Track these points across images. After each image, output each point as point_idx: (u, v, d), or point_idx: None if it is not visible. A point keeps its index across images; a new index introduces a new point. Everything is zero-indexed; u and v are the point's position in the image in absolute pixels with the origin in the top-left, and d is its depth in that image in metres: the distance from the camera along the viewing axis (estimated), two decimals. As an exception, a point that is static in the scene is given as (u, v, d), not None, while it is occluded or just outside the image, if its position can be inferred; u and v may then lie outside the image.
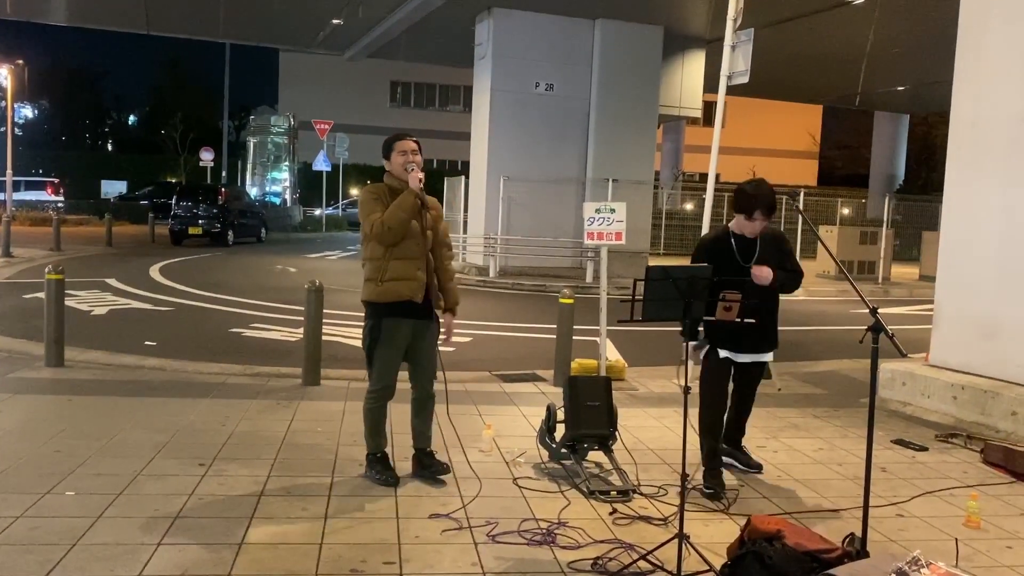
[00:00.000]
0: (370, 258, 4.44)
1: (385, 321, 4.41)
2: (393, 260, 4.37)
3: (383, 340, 4.44)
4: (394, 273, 4.36)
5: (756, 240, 4.73)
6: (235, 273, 16.70)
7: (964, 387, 6.55)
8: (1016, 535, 4.17)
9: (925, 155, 38.04)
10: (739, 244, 4.73)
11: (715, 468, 4.69)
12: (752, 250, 4.71)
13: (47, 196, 34.86)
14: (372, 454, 4.62)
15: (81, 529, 3.70)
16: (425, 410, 4.67)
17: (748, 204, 4.64)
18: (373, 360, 4.49)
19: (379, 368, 4.49)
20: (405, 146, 4.50)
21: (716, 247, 4.75)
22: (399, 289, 4.36)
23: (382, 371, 4.49)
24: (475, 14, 18.33)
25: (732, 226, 4.78)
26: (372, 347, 4.47)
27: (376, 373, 4.50)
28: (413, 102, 47.42)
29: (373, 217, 4.35)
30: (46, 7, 21.77)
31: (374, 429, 4.59)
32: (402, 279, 4.36)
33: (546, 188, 17.85)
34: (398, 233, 4.32)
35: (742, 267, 4.64)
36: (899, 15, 17.21)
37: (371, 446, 4.62)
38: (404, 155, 4.48)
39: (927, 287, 16.03)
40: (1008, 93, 6.60)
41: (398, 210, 4.32)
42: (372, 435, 4.60)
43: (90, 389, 6.40)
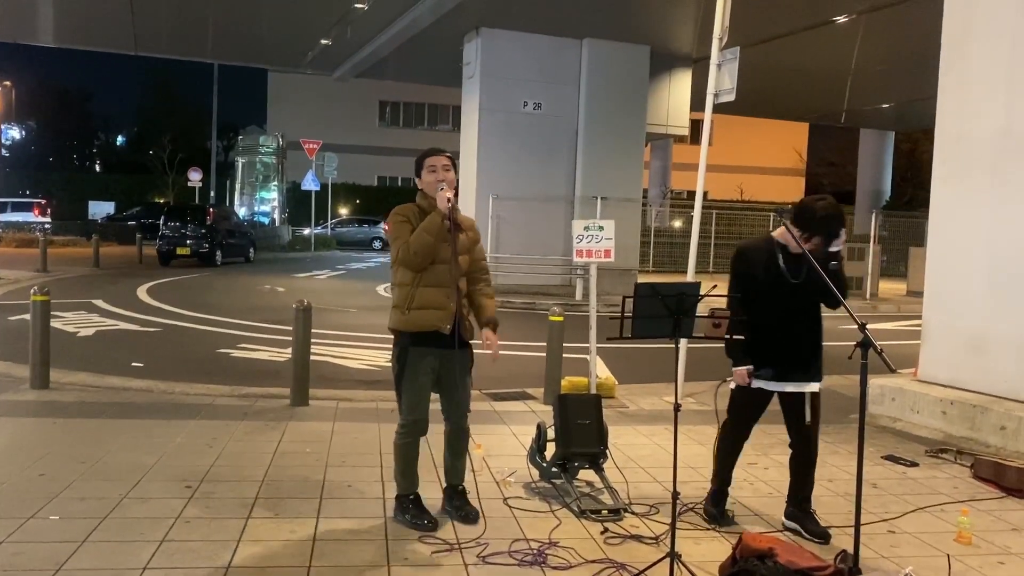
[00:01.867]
0: (399, 284, 4.18)
1: (412, 351, 4.14)
2: (422, 287, 4.10)
3: (409, 370, 4.15)
4: (422, 301, 4.10)
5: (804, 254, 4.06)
6: (223, 293, 16.62)
7: (953, 402, 6.57)
8: (1007, 550, 4.17)
9: (911, 171, 38.32)
10: (785, 257, 4.24)
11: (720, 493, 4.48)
12: (800, 265, 4.19)
13: (34, 217, 34.66)
14: (404, 495, 4.28)
15: (65, 554, 3.64)
16: (459, 444, 4.36)
17: (807, 225, 4.13)
18: (401, 392, 4.21)
19: (408, 400, 4.20)
20: (436, 162, 4.22)
21: (758, 258, 4.29)
22: (426, 318, 4.09)
23: (411, 403, 4.19)
24: (463, 34, 18.42)
25: (777, 236, 4.29)
26: (399, 377, 4.20)
27: (405, 406, 4.21)
28: (402, 121, 47.52)
29: (399, 241, 4.10)
30: (34, 28, 21.73)
31: (406, 468, 4.27)
32: (430, 307, 4.09)
33: (535, 206, 17.89)
34: (425, 257, 4.05)
35: (790, 283, 4.20)
36: (883, 33, 17.40)
37: (402, 487, 4.28)
38: (434, 172, 4.19)
39: (915, 303, 16.10)
40: (992, 108, 6.67)
41: (424, 233, 4.03)
42: (403, 474, 4.27)
43: (76, 411, 6.34)
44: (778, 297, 4.25)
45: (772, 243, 4.30)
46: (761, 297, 4.24)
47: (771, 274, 4.24)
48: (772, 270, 4.25)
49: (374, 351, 10.03)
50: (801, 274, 4.20)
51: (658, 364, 9.23)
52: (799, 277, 4.21)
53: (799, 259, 4.17)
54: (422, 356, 4.14)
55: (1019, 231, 6.45)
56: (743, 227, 26.47)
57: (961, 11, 7.04)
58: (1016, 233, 6.47)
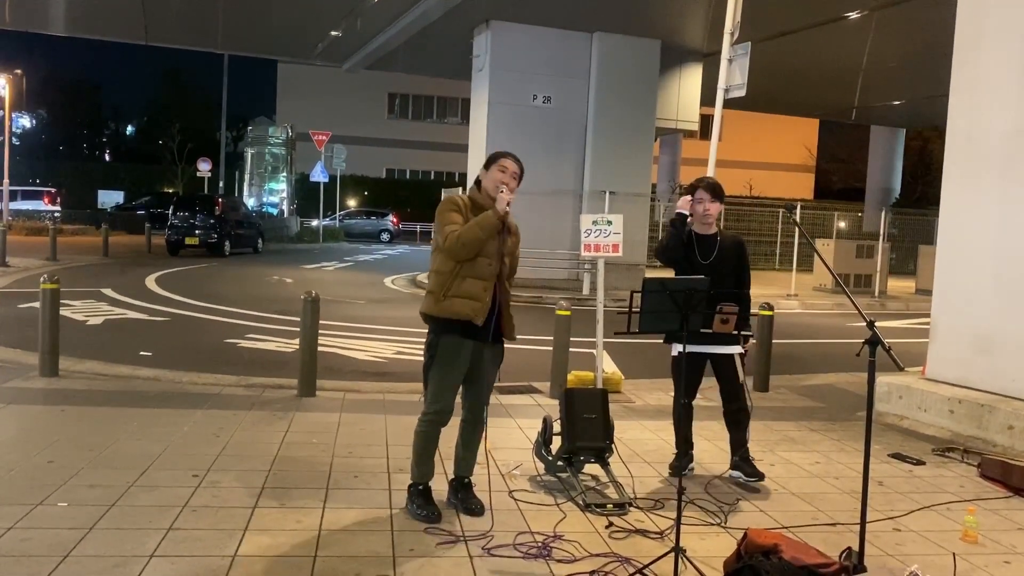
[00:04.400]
0: (437, 270, 4.15)
1: (444, 339, 4.12)
2: (460, 277, 4.10)
3: (440, 359, 4.13)
4: (458, 290, 4.09)
5: (716, 238, 4.95)
6: (231, 284, 16.67)
7: (961, 401, 6.55)
8: (1013, 549, 4.16)
9: (921, 169, 38.15)
10: (697, 240, 4.97)
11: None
12: (712, 249, 4.94)
13: (44, 206, 34.81)
14: (415, 485, 4.28)
15: (73, 541, 3.67)
16: (474, 436, 4.38)
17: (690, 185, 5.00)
18: (428, 380, 4.20)
19: (434, 389, 4.19)
20: (508, 165, 4.29)
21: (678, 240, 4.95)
22: (460, 307, 4.07)
23: (437, 392, 4.18)
24: (473, 27, 18.39)
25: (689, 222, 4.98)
26: (428, 366, 4.18)
27: (431, 394, 4.20)
28: (411, 114, 47.53)
29: (449, 228, 4.08)
30: (45, 17, 21.77)
31: (423, 455, 4.26)
32: (465, 297, 4.08)
33: (543, 200, 17.83)
34: (472, 251, 4.07)
35: (701, 264, 4.89)
36: (895, 30, 17.30)
37: (415, 475, 4.28)
38: (503, 172, 4.27)
39: (923, 301, 16.04)
40: (1004, 108, 6.63)
41: (477, 228, 4.06)
42: (419, 462, 4.27)
43: (84, 399, 6.37)
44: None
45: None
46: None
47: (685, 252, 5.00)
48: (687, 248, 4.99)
49: (381, 343, 10.05)
50: (710, 256, 4.95)
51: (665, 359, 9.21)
52: (709, 258, 4.93)
53: (711, 242, 4.96)
54: (454, 346, 4.13)
55: (1030, 230, 6.42)
56: (752, 223, 26.40)
57: (974, 11, 7.00)
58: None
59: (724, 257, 4.94)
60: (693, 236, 4.99)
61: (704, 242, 4.97)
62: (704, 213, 4.95)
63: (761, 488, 4.95)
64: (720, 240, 4.99)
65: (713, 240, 4.97)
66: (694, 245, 4.96)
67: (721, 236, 5.02)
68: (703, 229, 5.01)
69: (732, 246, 4.99)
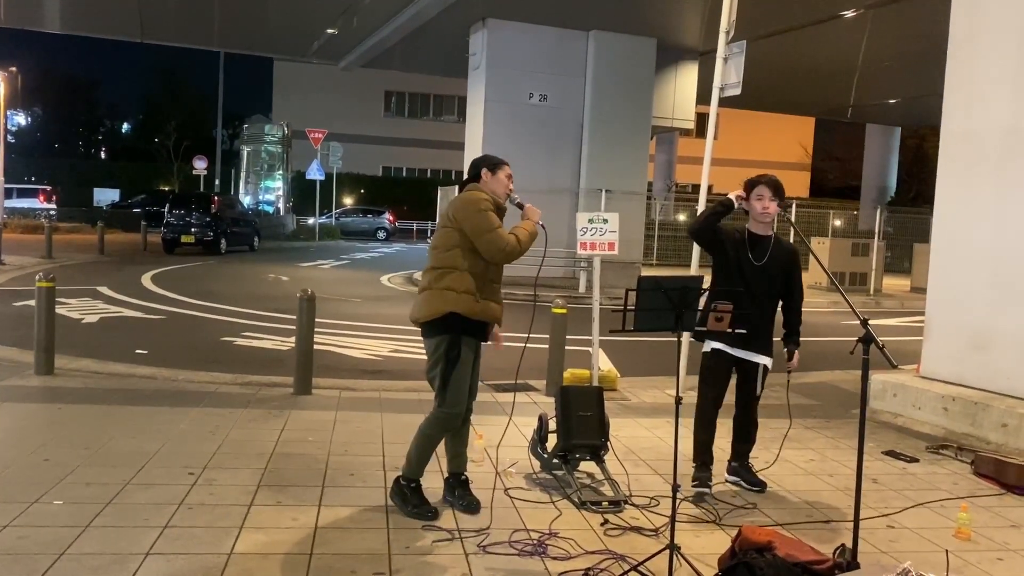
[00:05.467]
0: (470, 271, 4.14)
1: (466, 339, 4.15)
2: (489, 281, 4.22)
3: (462, 363, 4.15)
4: (488, 293, 4.20)
5: (770, 240, 4.74)
6: (227, 282, 16.65)
7: (955, 399, 6.57)
8: (1006, 546, 4.18)
9: (916, 167, 38.21)
10: (751, 240, 4.75)
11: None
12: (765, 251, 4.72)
13: (39, 204, 34.73)
14: (409, 481, 4.26)
15: (69, 539, 3.67)
16: (464, 430, 4.43)
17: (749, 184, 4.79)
18: (449, 381, 4.15)
19: (456, 387, 4.16)
20: (511, 173, 4.46)
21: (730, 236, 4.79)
22: (492, 310, 4.21)
23: (458, 389, 4.17)
24: (469, 24, 18.38)
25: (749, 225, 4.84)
26: (450, 368, 4.14)
27: (451, 394, 4.16)
28: (407, 112, 47.50)
29: (502, 231, 4.15)
30: (40, 15, 21.72)
31: (427, 454, 4.28)
32: (494, 300, 4.24)
33: (539, 198, 17.53)
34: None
35: (752, 264, 4.69)
36: (891, 28, 17.32)
37: (414, 471, 4.27)
38: (511, 180, 4.43)
39: (918, 299, 16.07)
40: (998, 106, 6.65)
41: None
42: (421, 460, 4.27)
43: (80, 397, 6.37)
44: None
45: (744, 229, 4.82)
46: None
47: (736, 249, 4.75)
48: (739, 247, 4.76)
49: (377, 341, 10.05)
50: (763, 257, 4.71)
51: (660, 357, 9.24)
52: (761, 260, 4.70)
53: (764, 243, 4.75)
54: (470, 348, 4.21)
55: (1022, 229, 6.44)
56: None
57: (968, 9, 7.02)
58: (1020, 231, 6.46)
59: (776, 262, 4.70)
60: (747, 235, 4.75)
61: (759, 243, 4.71)
62: (763, 211, 4.67)
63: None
64: (774, 244, 4.73)
65: (768, 243, 4.71)
66: (747, 245, 4.71)
67: (776, 240, 4.76)
68: (760, 229, 4.74)
69: (786, 253, 4.76)
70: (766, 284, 4.68)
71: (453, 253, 4.17)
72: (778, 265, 4.71)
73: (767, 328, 4.78)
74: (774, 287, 4.74)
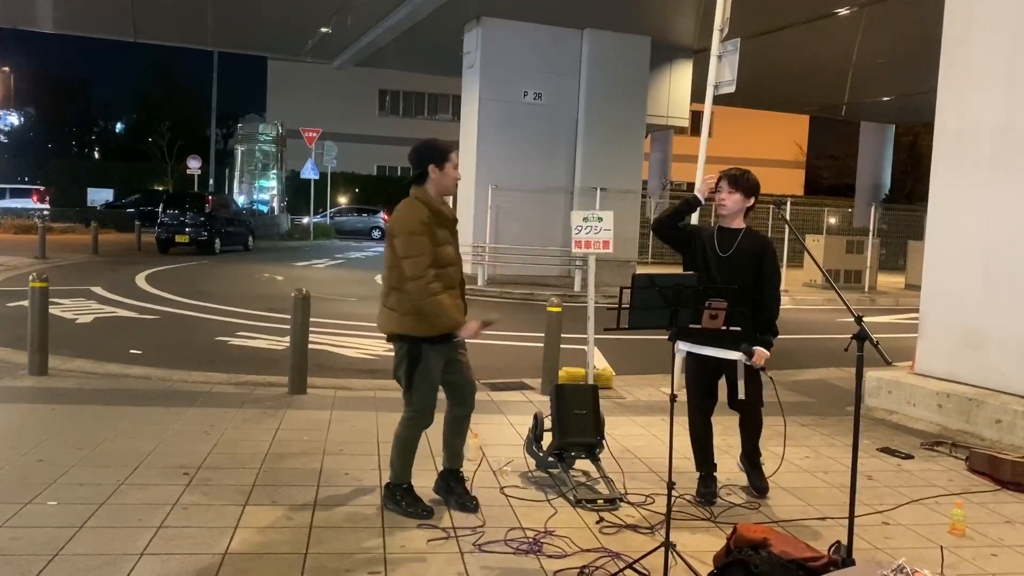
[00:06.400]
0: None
1: (425, 346, 4.09)
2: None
3: (422, 368, 4.11)
4: None
5: (738, 233, 4.63)
6: (222, 281, 16.62)
7: (949, 395, 6.59)
8: (1000, 542, 4.19)
9: (911, 165, 38.27)
10: (720, 233, 4.68)
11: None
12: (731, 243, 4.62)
13: (33, 204, 34.58)
14: (399, 485, 4.26)
15: (63, 540, 3.66)
16: (463, 427, 4.41)
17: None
18: (413, 385, 4.15)
19: (422, 392, 4.16)
20: (457, 160, 4.24)
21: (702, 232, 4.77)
22: (443, 324, 4.03)
23: (425, 394, 4.17)
24: (464, 23, 18.36)
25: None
26: (411, 371, 4.12)
27: (417, 400, 4.17)
28: (402, 111, 47.39)
29: (425, 262, 3.94)
30: (32, 14, 21.63)
31: (408, 458, 4.27)
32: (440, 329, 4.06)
33: (534, 197, 17.86)
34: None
35: (718, 256, 4.59)
36: (885, 26, 17.35)
37: (401, 475, 4.27)
38: (457, 169, 4.20)
39: (913, 296, 16.13)
40: (991, 104, 6.67)
41: (441, 316, 3.98)
42: (405, 465, 4.26)
43: (74, 398, 6.35)
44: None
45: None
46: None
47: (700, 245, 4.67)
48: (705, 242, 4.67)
49: (372, 340, 10.03)
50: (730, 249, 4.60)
51: (656, 355, 9.24)
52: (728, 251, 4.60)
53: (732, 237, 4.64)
54: (436, 353, 4.13)
55: (1016, 226, 6.46)
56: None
57: (962, 7, 7.03)
58: (1013, 228, 6.48)
59: (743, 254, 4.58)
60: (716, 228, 4.72)
61: (726, 235, 4.65)
62: (719, 203, 4.65)
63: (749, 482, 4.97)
64: (743, 236, 4.64)
65: (735, 235, 4.65)
66: (714, 237, 4.65)
67: (747, 232, 4.67)
68: (727, 222, 4.70)
69: (755, 244, 4.64)
70: (732, 276, 4.44)
71: (393, 273, 4.12)
72: (745, 256, 4.57)
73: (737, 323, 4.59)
74: (742, 279, 4.50)
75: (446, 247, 4.12)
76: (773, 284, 4.67)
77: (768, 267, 4.65)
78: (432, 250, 4.01)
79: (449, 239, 4.17)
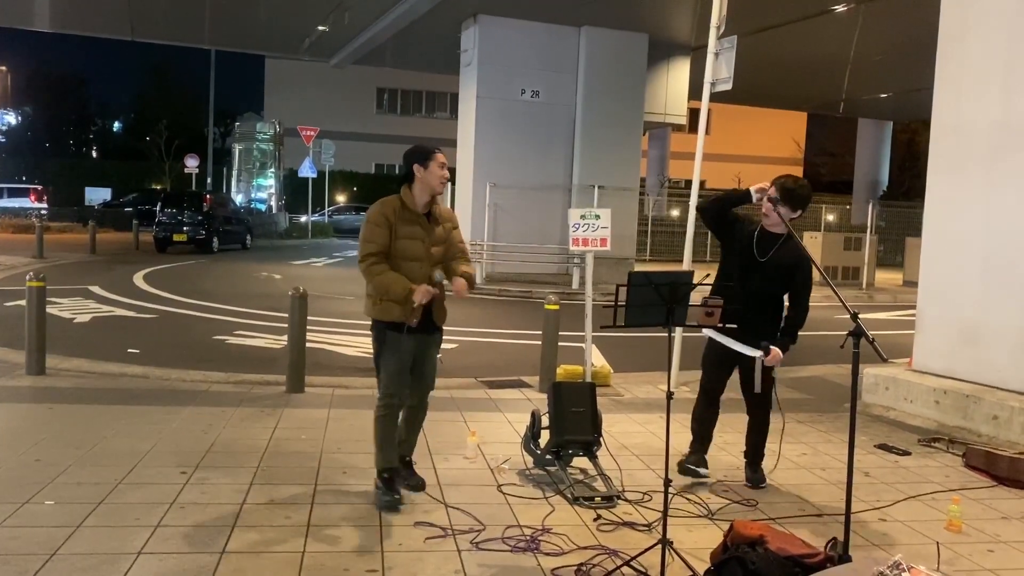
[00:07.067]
0: None
1: (389, 332, 4.31)
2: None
3: (387, 349, 4.34)
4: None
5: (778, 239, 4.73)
6: (219, 280, 16.61)
7: (946, 392, 6.60)
8: (997, 538, 4.20)
9: (909, 162, 38.27)
10: (760, 235, 4.78)
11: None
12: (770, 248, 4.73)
13: (30, 203, 34.54)
14: (379, 471, 4.38)
15: (60, 539, 3.66)
16: (416, 419, 4.61)
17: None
18: (380, 369, 4.41)
19: (388, 374, 4.36)
20: (443, 158, 4.37)
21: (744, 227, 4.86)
22: (395, 312, 4.26)
23: (388, 380, 4.36)
24: (461, 21, 18.36)
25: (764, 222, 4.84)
26: (378, 356, 4.41)
27: (383, 382, 4.39)
28: (399, 108, 47.36)
29: (370, 246, 4.24)
30: (29, 13, 21.62)
31: (382, 441, 4.39)
32: (398, 301, 4.25)
33: (532, 195, 17.87)
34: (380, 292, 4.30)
35: (756, 260, 4.73)
36: (882, 23, 17.36)
37: (377, 461, 4.40)
38: (443, 168, 4.34)
39: (911, 292, 16.12)
40: (988, 100, 6.67)
41: (390, 290, 4.20)
42: (380, 448, 4.39)
43: (71, 397, 6.35)
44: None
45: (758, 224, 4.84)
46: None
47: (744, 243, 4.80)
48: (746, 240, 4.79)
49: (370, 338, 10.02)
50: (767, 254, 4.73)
51: (654, 353, 9.25)
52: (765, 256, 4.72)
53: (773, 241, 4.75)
54: (402, 339, 4.29)
55: (1012, 223, 6.47)
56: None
57: (958, 4, 7.03)
58: (1009, 225, 6.49)
59: (779, 262, 4.68)
60: (759, 229, 4.80)
61: (765, 239, 4.75)
62: (765, 211, 4.74)
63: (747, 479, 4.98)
64: (782, 244, 4.71)
65: (775, 241, 4.73)
66: (755, 238, 4.76)
67: (784, 241, 4.72)
68: (769, 226, 4.77)
69: (791, 256, 4.68)
70: (764, 281, 4.68)
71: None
72: (780, 266, 4.68)
73: (761, 323, 4.70)
74: (773, 285, 4.70)
75: (412, 242, 4.29)
76: (802, 297, 4.77)
77: (800, 280, 4.74)
78: (386, 241, 4.25)
79: (419, 235, 4.30)
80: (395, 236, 4.26)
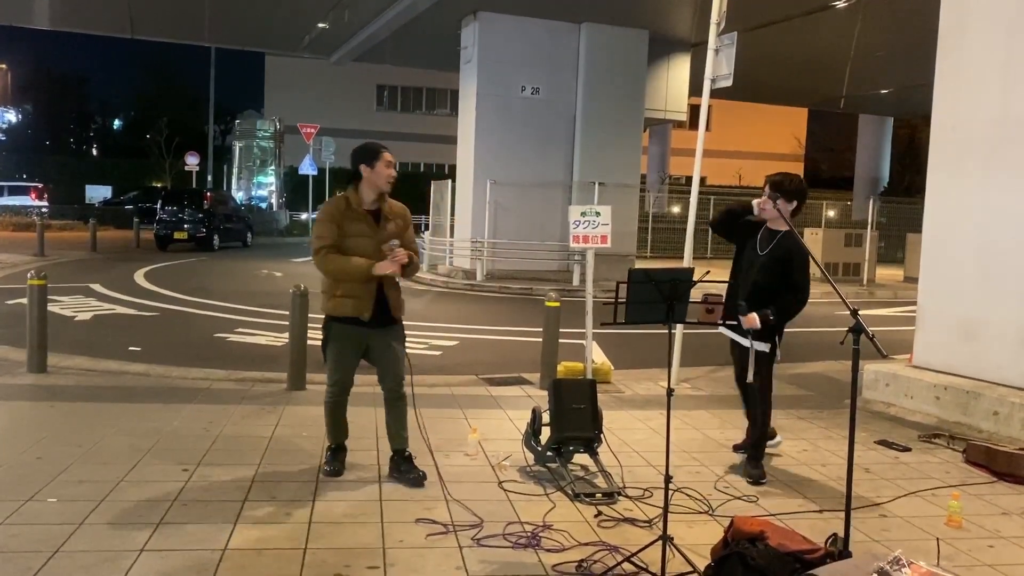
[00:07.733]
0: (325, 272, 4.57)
1: (335, 327, 4.57)
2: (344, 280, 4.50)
3: (332, 343, 4.60)
4: (344, 290, 4.50)
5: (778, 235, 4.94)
6: (220, 278, 16.62)
7: (946, 388, 6.60)
8: (997, 534, 4.21)
9: (909, 158, 38.24)
10: (764, 232, 5.03)
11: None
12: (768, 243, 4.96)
13: (31, 201, 34.57)
14: (328, 446, 4.84)
15: (62, 536, 3.67)
16: (396, 410, 4.71)
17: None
18: (326, 358, 4.67)
19: (330, 365, 4.65)
20: (390, 157, 4.52)
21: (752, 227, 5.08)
22: (347, 307, 4.50)
23: (332, 367, 4.64)
24: (461, 18, 18.34)
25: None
26: (324, 345, 4.65)
27: (329, 370, 4.67)
28: (399, 106, 47.32)
29: (320, 242, 4.45)
30: (29, 11, 21.60)
31: (334, 423, 4.76)
32: (351, 297, 4.49)
33: (532, 192, 17.87)
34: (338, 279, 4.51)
35: (757, 255, 4.97)
36: (882, 19, 17.33)
37: (330, 438, 4.84)
38: (390, 168, 4.50)
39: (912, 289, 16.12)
40: (987, 97, 6.67)
41: (347, 271, 4.43)
42: (329, 430, 4.81)
43: (73, 395, 6.36)
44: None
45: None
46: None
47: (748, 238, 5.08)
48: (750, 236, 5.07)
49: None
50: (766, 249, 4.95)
51: (654, 350, 9.26)
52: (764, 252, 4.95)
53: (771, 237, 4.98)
54: (345, 333, 4.55)
55: (1012, 219, 6.47)
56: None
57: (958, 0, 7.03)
58: (1009, 221, 6.49)
59: (773, 257, 4.91)
60: (763, 229, 5.06)
61: (766, 236, 5.01)
62: (759, 208, 5.00)
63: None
64: (780, 239, 4.92)
65: (774, 236, 4.97)
66: (758, 234, 5.04)
67: (783, 236, 4.92)
68: (771, 224, 5.02)
69: (786, 249, 4.88)
70: (762, 274, 4.89)
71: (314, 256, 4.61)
72: (775, 260, 4.89)
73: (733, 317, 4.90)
74: (771, 278, 4.87)
75: (360, 239, 4.46)
76: (794, 289, 4.89)
77: (794, 274, 4.89)
78: (335, 236, 4.44)
79: (365, 232, 4.46)
80: (343, 234, 4.45)
